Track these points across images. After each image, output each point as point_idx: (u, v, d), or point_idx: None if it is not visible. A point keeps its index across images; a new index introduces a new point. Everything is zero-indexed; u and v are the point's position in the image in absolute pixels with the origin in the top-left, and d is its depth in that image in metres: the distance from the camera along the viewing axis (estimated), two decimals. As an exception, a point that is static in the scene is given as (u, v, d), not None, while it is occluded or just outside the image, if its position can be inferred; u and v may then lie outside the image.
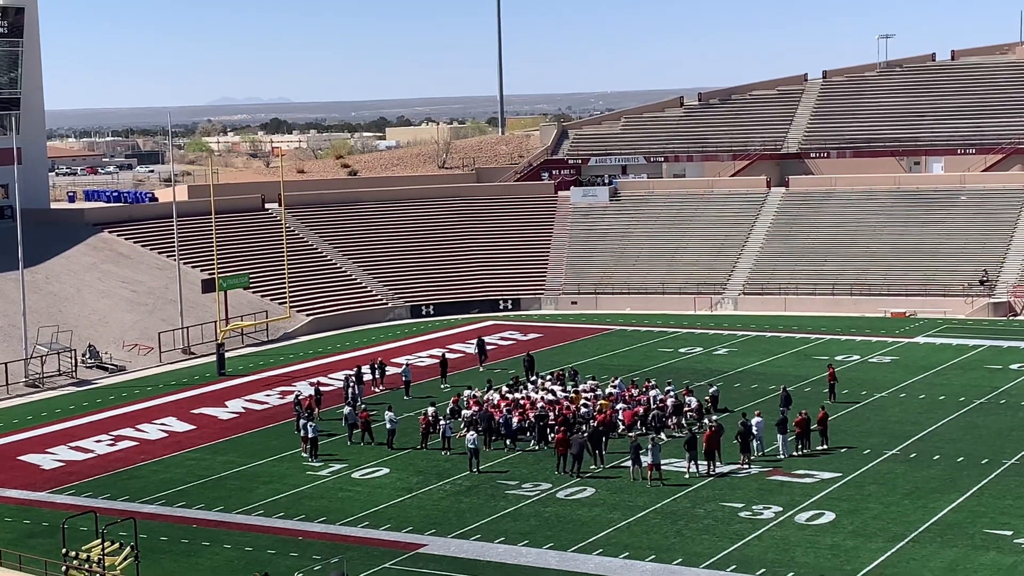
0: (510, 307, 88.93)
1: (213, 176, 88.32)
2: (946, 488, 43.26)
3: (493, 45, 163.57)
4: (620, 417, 51.41)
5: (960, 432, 51.02)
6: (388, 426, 50.83)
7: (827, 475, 45.09)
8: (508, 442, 50.13)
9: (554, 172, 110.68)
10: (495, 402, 53.01)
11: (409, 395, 60.02)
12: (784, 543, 38.22)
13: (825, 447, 48.43)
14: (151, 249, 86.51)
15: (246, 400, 61.48)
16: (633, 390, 55.02)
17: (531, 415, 50.82)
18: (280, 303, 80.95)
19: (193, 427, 56.29)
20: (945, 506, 41.28)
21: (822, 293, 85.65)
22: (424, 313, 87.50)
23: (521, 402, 52.72)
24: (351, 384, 58.23)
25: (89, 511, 39.38)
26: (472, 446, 46.89)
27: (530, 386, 56.67)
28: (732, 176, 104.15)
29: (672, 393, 53.87)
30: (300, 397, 56.51)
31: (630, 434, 49.03)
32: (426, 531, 40.37)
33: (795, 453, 47.74)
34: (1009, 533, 38.47)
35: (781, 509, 41.36)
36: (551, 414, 50.62)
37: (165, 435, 54.97)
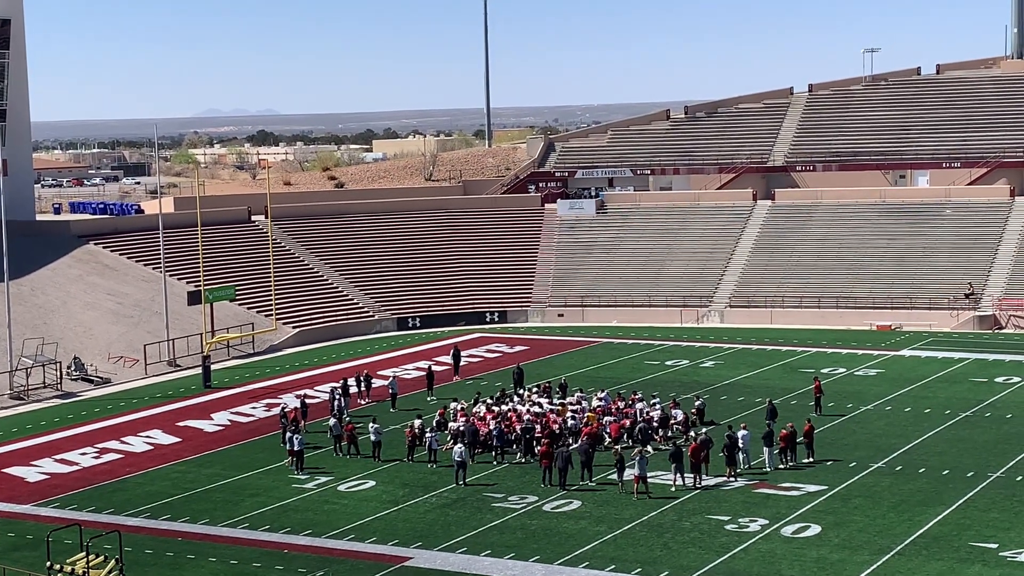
0: (497, 319, 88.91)
1: (199, 188, 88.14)
2: (932, 501, 43.33)
3: (480, 57, 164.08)
4: (607, 430, 51.40)
5: (946, 445, 51.12)
6: (373, 438, 50.74)
7: (813, 488, 45.13)
8: (495, 454, 50.12)
9: (541, 185, 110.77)
10: (481, 414, 52.99)
11: (395, 407, 59.96)
12: (770, 556, 38.23)
13: (811, 460, 48.48)
14: (137, 261, 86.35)
15: (232, 412, 61.32)
16: (619, 402, 55.02)
17: (517, 427, 50.78)
18: (266, 315, 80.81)
19: (179, 440, 56.12)
20: (931, 519, 41.34)
21: (808, 306, 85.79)
22: (411, 325, 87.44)
23: (508, 415, 52.68)
24: (337, 396, 58.14)
25: (74, 524, 39.26)
26: (459, 459, 46.84)
27: (516, 398, 56.66)
28: (718, 189, 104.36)
29: (658, 405, 53.89)
30: (286, 409, 56.33)
31: (616, 447, 49.04)
32: (412, 544, 40.29)
33: (781, 466, 47.80)
34: (995, 546, 38.53)
35: (767, 522, 41.38)
36: (537, 426, 50.60)
37: (150, 448, 54.79)
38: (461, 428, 50.55)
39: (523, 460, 49.69)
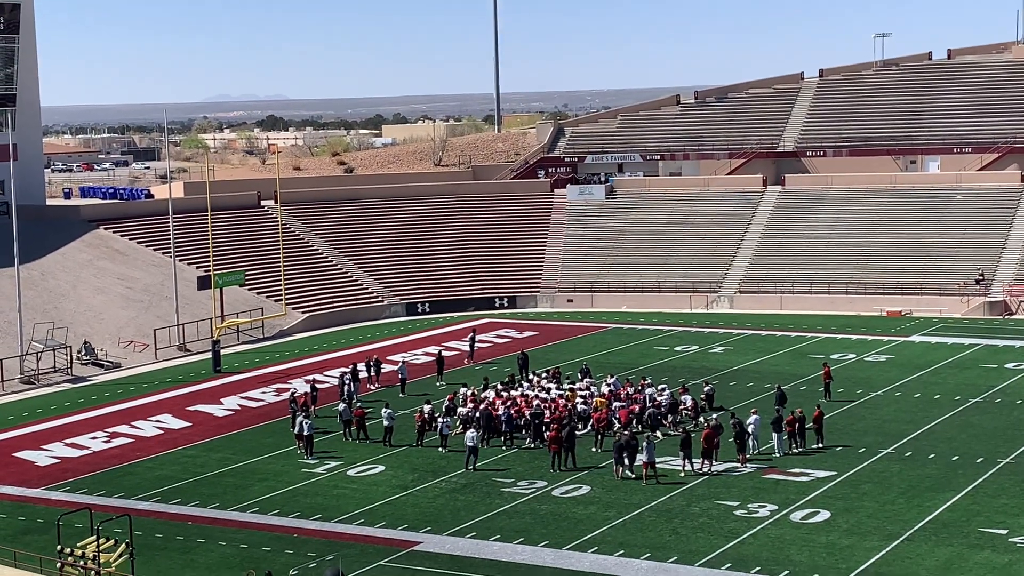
0: (506, 305, 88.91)
1: (209, 173, 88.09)
2: (941, 487, 43.31)
3: (490, 42, 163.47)
4: (616, 415, 51.41)
5: (955, 431, 51.08)
6: (385, 423, 50.80)
7: (822, 473, 45.13)
8: (504, 439, 50.18)
9: (550, 170, 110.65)
10: (490, 399, 53.01)
11: (405, 393, 60.04)
12: (779, 541, 38.25)
13: (820, 445, 48.47)
14: (147, 246, 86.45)
15: (241, 397, 61.44)
16: (629, 388, 55.03)
17: (527, 413, 50.83)
18: (276, 300, 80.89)
19: (188, 424, 56.26)
20: (940, 505, 41.32)
21: (818, 291, 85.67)
22: (420, 311, 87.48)
23: (517, 400, 52.73)
24: (347, 381, 58.21)
25: (84, 508, 39.34)
26: (471, 444, 46.90)
27: (525, 384, 56.72)
28: (728, 174, 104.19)
29: (667, 391, 53.87)
30: (296, 394, 56.44)
31: (625, 432, 49.05)
32: (421, 529, 40.37)
33: (790, 451, 47.78)
34: (1004, 532, 38.52)
35: (776, 507, 41.39)
36: (546, 412, 50.65)
37: (160, 432, 54.94)
38: (475, 414, 50.64)
39: (532, 445, 49.75)
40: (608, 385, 55.40)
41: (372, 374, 62.68)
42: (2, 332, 69.76)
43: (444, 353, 66.83)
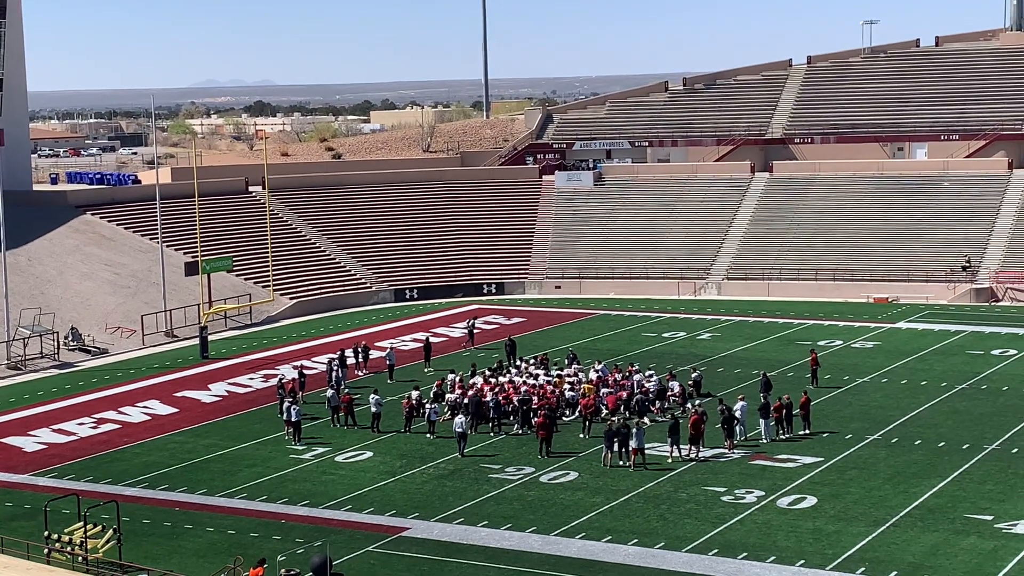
0: (494, 291, 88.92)
1: (196, 159, 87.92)
2: (927, 473, 43.46)
3: (478, 28, 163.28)
4: (604, 402, 51.49)
5: (942, 417, 51.25)
6: (373, 409, 50.81)
7: (809, 460, 45.26)
8: (492, 426, 50.23)
9: (539, 156, 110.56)
10: (478, 386, 53.04)
11: (392, 379, 60.04)
12: (766, 527, 38.37)
13: (807, 432, 48.61)
14: (134, 231, 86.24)
15: (229, 383, 61.39)
16: (616, 374, 55.10)
17: (514, 399, 50.88)
18: (263, 286, 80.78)
19: (176, 410, 56.21)
20: (926, 491, 41.47)
21: (805, 278, 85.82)
22: (408, 297, 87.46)
23: (505, 386, 52.76)
24: (334, 368, 58.19)
25: (71, 494, 39.30)
26: (460, 430, 46.95)
27: (513, 370, 56.77)
28: (716, 161, 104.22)
29: (655, 377, 53.95)
30: (283, 380, 56.42)
31: (612, 419, 49.16)
32: (409, 514, 40.41)
33: (777, 438, 47.89)
34: (990, 518, 38.67)
35: (763, 493, 41.51)
36: (534, 398, 50.70)
37: (148, 418, 54.89)
38: (464, 400, 50.67)
39: (520, 431, 49.81)
40: (596, 371, 55.43)
41: (360, 360, 62.68)
42: (-11, 318, 69.57)
43: (432, 339, 66.82)
